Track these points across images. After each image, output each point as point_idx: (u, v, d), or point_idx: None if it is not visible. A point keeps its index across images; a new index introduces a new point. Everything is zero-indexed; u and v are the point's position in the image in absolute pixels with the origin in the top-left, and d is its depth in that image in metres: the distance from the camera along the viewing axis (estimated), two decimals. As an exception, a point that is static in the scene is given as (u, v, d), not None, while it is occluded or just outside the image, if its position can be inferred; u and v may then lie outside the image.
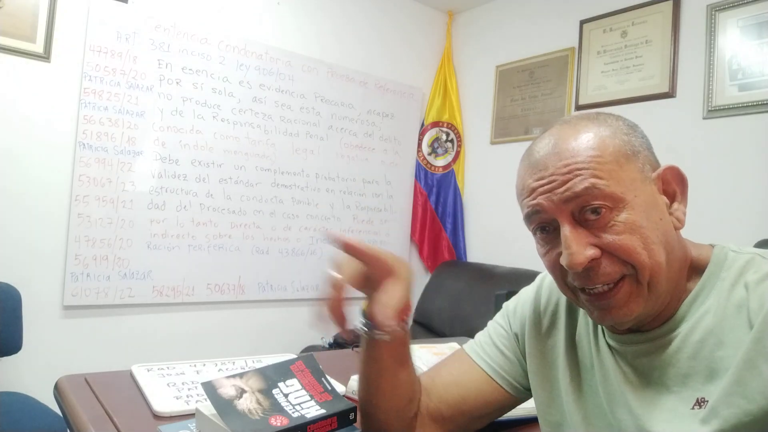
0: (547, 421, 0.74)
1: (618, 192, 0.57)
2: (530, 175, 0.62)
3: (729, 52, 2.11)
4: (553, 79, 2.77)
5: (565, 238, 0.58)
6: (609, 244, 0.57)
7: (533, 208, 0.61)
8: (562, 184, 0.58)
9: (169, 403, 0.86)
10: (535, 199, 0.60)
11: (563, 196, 0.58)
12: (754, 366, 0.51)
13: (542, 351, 0.75)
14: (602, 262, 0.57)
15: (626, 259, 0.57)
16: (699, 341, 0.57)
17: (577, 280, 0.60)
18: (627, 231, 0.56)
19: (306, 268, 2.77)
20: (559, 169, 0.59)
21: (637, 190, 0.58)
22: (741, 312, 0.55)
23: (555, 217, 0.59)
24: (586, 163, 0.58)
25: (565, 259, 0.58)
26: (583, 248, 0.57)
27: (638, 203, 0.57)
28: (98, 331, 2.21)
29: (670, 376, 0.59)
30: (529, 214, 0.62)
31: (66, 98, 2.12)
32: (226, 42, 2.50)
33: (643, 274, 0.57)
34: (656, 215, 0.58)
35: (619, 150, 0.59)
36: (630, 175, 0.58)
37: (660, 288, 0.58)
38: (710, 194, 2.08)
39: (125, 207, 2.24)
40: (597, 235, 0.57)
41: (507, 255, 2.83)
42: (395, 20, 3.15)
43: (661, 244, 0.57)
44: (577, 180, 0.57)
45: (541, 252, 0.65)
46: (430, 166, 3.25)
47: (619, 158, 0.58)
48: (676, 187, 0.62)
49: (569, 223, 0.58)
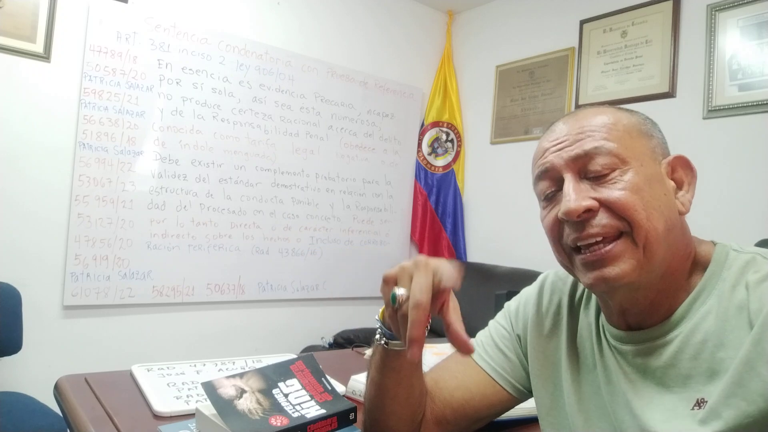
0: (549, 422, 0.73)
1: (625, 155, 0.59)
2: (546, 139, 0.66)
3: (729, 52, 2.11)
4: (553, 79, 2.77)
5: (566, 188, 0.60)
6: (608, 198, 0.58)
7: (543, 166, 0.64)
8: (572, 143, 0.61)
9: (169, 403, 0.86)
10: (546, 157, 0.63)
11: (572, 154, 0.61)
12: (753, 368, 0.51)
13: (544, 352, 0.75)
14: (599, 214, 0.58)
15: (623, 214, 0.57)
16: (700, 342, 0.57)
17: (572, 233, 0.60)
18: (628, 189, 0.58)
19: (306, 268, 2.77)
20: (572, 131, 0.62)
21: (644, 161, 0.60)
22: (742, 313, 0.55)
23: (561, 175, 0.61)
24: (598, 128, 0.61)
25: (563, 206, 0.59)
26: (581, 197, 0.59)
27: (643, 171, 0.59)
28: (98, 331, 2.21)
29: (672, 376, 0.59)
30: (539, 175, 0.65)
31: (66, 98, 2.12)
32: (226, 42, 2.50)
33: (638, 233, 0.57)
34: (660, 189, 0.60)
35: (632, 126, 0.62)
36: (639, 147, 0.61)
37: (656, 256, 0.58)
38: (710, 194, 2.08)
39: (125, 207, 2.24)
40: (598, 190, 0.59)
41: (507, 255, 2.83)
42: (395, 20, 3.15)
43: (661, 213, 0.58)
44: (588, 140, 0.61)
45: (542, 215, 0.66)
46: (430, 166, 3.25)
47: (631, 131, 0.62)
48: (684, 176, 0.63)
49: (573, 177, 0.60)
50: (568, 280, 0.77)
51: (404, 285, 0.58)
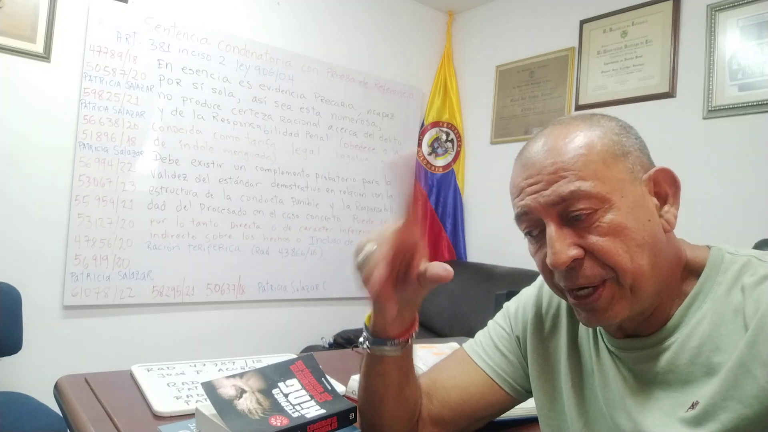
0: (549, 424, 0.73)
1: (603, 192, 0.57)
2: (520, 174, 0.63)
3: (729, 52, 2.11)
4: (553, 79, 2.77)
5: (549, 237, 0.59)
6: (592, 245, 0.57)
7: (522, 208, 0.62)
8: (548, 185, 0.59)
9: (169, 403, 0.86)
10: (524, 199, 0.61)
11: (549, 200, 0.59)
12: (748, 370, 0.51)
13: (544, 355, 0.75)
14: (584, 263, 0.58)
15: (607, 261, 0.57)
16: (697, 347, 0.57)
17: (562, 280, 0.61)
18: (611, 233, 0.57)
19: (306, 268, 2.77)
20: (545, 168, 0.60)
21: (624, 190, 0.58)
22: (737, 316, 0.55)
23: (541, 218, 0.60)
24: (572, 163, 0.58)
25: (549, 258, 0.58)
26: (566, 248, 0.58)
27: (624, 204, 0.58)
28: (98, 331, 2.21)
29: (670, 381, 0.59)
30: (519, 215, 0.63)
31: (66, 98, 2.12)
32: (226, 42, 2.50)
33: (624, 277, 0.57)
34: (644, 216, 0.58)
35: (607, 150, 0.59)
36: (617, 175, 0.58)
37: (644, 291, 0.58)
38: (710, 194, 2.08)
39: (125, 207, 2.24)
40: (581, 236, 0.58)
41: (507, 255, 2.83)
42: (395, 20, 3.15)
43: (646, 246, 0.57)
44: (563, 182, 0.58)
45: (531, 251, 0.66)
46: (430, 166, 3.25)
47: (606, 158, 0.59)
48: (668, 189, 0.61)
49: (555, 223, 0.59)
50: None
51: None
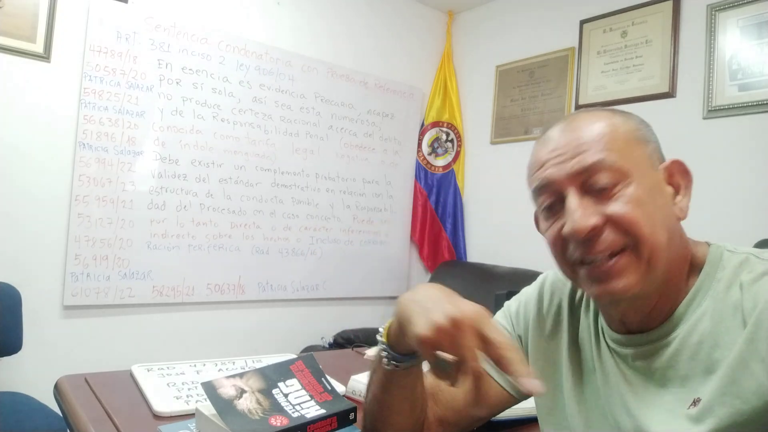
0: (550, 423, 0.73)
1: (626, 167, 0.59)
2: (542, 149, 0.64)
3: (729, 52, 2.11)
4: (553, 79, 2.77)
5: (570, 205, 0.59)
6: (613, 214, 0.58)
7: (543, 180, 0.62)
8: (572, 157, 0.60)
9: (169, 403, 0.86)
10: (546, 170, 0.62)
11: (573, 169, 0.59)
12: (747, 366, 0.52)
13: (545, 353, 0.75)
14: (605, 231, 0.58)
15: (629, 229, 0.57)
16: (697, 343, 0.57)
17: (578, 249, 0.60)
18: (632, 203, 0.58)
19: (306, 268, 2.77)
20: (570, 142, 0.61)
21: (644, 172, 0.60)
22: (736, 313, 0.55)
23: (562, 190, 0.60)
24: (597, 139, 0.60)
25: (569, 225, 0.58)
26: (588, 214, 0.58)
27: (644, 183, 0.59)
28: (98, 331, 2.21)
29: (670, 377, 0.59)
30: (538, 188, 0.63)
31: (66, 98, 2.12)
32: (226, 42, 2.50)
33: (643, 247, 0.57)
34: (661, 199, 0.60)
35: (630, 133, 0.61)
36: (638, 157, 0.60)
37: (659, 267, 0.58)
38: (710, 194, 2.07)
39: (125, 207, 2.24)
40: (603, 206, 0.58)
41: (507, 255, 2.83)
42: (395, 20, 3.15)
43: (663, 224, 0.58)
44: (587, 154, 0.59)
45: (544, 227, 0.65)
46: (430, 166, 3.25)
47: (629, 139, 0.61)
48: (680, 180, 0.63)
49: (576, 192, 0.59)
50: (568, 282, 0.77)
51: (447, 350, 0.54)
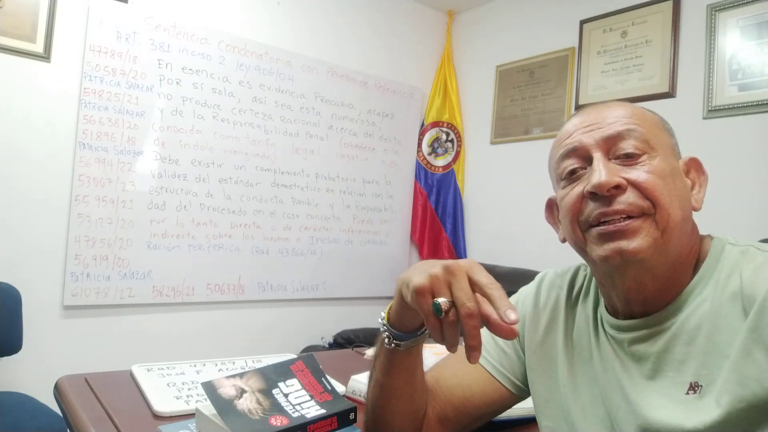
0: (546, 414, 0.74)
1: (653, 142, 0.62)
2: (572, 123, 0.67)
3: (729, 52, 2.11)
4: (553, 79, 2.77)
5: (597, 164, 0.61)
6: (637, 177, 0.60)
7: (571, 145, 0.65)
8: (602, 127, 0.63)
9: (169, 403, 0.86)
10: (575, 137, 0.65)
11: (604, 134, 0.63)
12: (750, 353, 0.52)
13: (541, 347, 0.76)
14: (626, 193, 0.60)
15: (650, 195, 0.59)
16: (695, 328, 0.58)
17: (598, 207, 0.61)
18: (656, 174, 0.60)
19: (306, 268, 2.77)
20: (600, 115, 0.65)
21: (668, 154, 0.63)
22: (735, 300, 0.56)
23: (590, 153, 0.63)
24: (627, 115, 0.64)
25: (596, 178, 0.60)
26: (612, 173, 0.60)
27: (667, 164, 0.62)
28: (98, 331, 2.21)
29: (666, 361, 0.60)
30: (566, 153, 0.66)
31: (66, 98, 2.12)
32: (226, 42, 2.50)
33: (661, 215, 0.59)
34: (680, 182, 0.63)
35: (657, 121, 0.66)
36: (664, 140, 0.64)
37: (671, 241, 0.60)
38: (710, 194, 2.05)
39: (125, 207, 2.24)
40: (627, 170, 0.61)
41: (507, 255, 2.83)
42: (395, 20, 3.15)
43: (680, 203, 0.61)
44: (619, 123, 0.63)
45: (561, 194, 0.67)
46: (430, 166, 3.25)
47: (657, 124, 0.65)
48: (696, 177, 0.66)
49: (603, 155, 0.62)
50: (567, 276, 0.78)
51: (442, 294, 0.55)
